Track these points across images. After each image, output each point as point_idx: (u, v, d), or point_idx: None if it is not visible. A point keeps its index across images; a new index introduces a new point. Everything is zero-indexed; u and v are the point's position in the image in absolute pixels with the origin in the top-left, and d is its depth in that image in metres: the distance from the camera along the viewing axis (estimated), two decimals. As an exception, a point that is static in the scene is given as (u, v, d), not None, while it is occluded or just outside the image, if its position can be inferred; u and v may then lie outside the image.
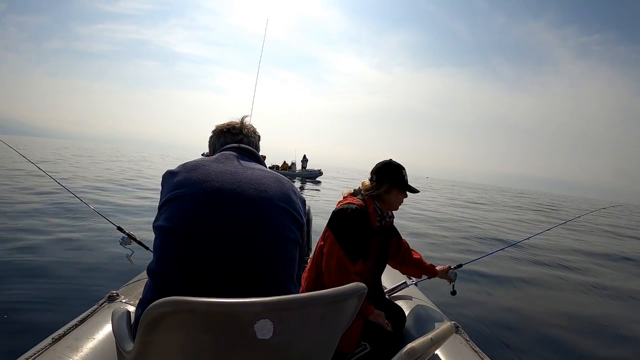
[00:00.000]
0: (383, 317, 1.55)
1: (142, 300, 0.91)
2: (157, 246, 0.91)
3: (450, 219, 10.30)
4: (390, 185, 1.66)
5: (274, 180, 0.98)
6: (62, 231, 4.40)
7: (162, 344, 0.70)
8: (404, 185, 1.67)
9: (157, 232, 0.92)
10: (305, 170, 23.97)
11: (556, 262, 5.77)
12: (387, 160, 1.72)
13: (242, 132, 1.18)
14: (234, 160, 1.02)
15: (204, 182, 0.91)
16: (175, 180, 0.94)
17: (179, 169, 0.98)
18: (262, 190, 0.93)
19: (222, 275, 0.85)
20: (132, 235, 2.01)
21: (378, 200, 1.67)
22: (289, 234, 0.94)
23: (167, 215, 0.90)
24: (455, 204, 16.58)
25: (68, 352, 1.16)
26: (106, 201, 7.01)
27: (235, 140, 1.16)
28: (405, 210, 9.79)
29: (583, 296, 4.14)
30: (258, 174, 0.98)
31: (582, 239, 8.98)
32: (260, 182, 0.95)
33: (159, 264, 0.89)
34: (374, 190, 1.67)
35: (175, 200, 0.91)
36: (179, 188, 0.92)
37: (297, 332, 0.73)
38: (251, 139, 1.19)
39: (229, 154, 1.06)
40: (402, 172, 1.68)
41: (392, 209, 1.72)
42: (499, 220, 11.71)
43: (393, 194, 1.67)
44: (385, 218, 1.71)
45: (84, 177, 10.98)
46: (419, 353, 0.87)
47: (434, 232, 7.45)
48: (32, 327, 2.16)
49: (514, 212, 16.12)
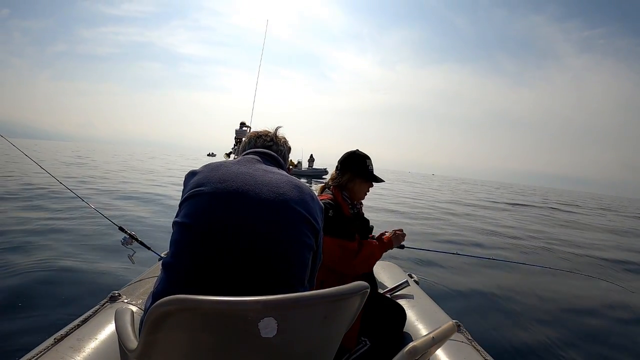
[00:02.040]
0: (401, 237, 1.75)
1: (153, 292, 0.93)
2: (173, 241, 0.93)
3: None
4: (352, 174, 1.71)
5: (293, 186, 1.00)
6: (62, 231, 4.41)
7: (166, 342, 0.70)
8: (366, 175, 1.71)
9: (175, 228, 0.94)
10: (311, 169, 24.40)
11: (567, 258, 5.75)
12: (352, 151, 1.77)
13: (273, 140, 1.23)
14: (255, 164, 1.05)
15: (223, 181, 0.94)
16: (196, 178, 0.98)
17: (201, 169, 1.02)
18: (279, 194, 0.95)
19: (234, 273, 0.86)
20: (133, 235, 2.01)
21: (345, 190, 1.72)
22: (303, 239, 0.95)
23: (185, 212, 0.93)
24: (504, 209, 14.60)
25: (70, 353, 1.17)
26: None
27: (265, 146, 1.21)
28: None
29: (589, 297, 4.13)
30: (278, 178, 1.00)
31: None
32: (279, 186, 0.97)
33: (173, 257, 0.91)
34: (337, 180, 1.73)
35: (195, 197, 0.94)
36: (199, 186, 0.95)
37: (301, 330, 0.73)
38: (280, 148, 1.23)
39: (252, 157, 1.10)
40: (366, 162, 1.72)
41: (357, 198, 1.75)
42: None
43: (356, 184, 1.72)
44: (356, 205, 1.76)
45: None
46: (420, 352, 0.87)
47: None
48: (34, 328, 2.16)
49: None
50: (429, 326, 1.62)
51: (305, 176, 22.42)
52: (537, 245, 6.94)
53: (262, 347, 0.68)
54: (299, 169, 23.85)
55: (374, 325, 1.58)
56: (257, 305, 0.65)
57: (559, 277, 4.63)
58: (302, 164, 24.69)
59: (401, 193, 17.98)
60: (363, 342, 1.60)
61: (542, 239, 7.65)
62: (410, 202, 13.30)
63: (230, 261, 0.86)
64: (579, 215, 16.27)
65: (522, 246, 6.70)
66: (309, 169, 24.45)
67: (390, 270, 2.34)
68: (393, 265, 2.47)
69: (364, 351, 1.58)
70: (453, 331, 1.23)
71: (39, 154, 22.11)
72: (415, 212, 10.26)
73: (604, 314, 3.55)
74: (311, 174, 23.07)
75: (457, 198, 18.22)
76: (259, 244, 0.88)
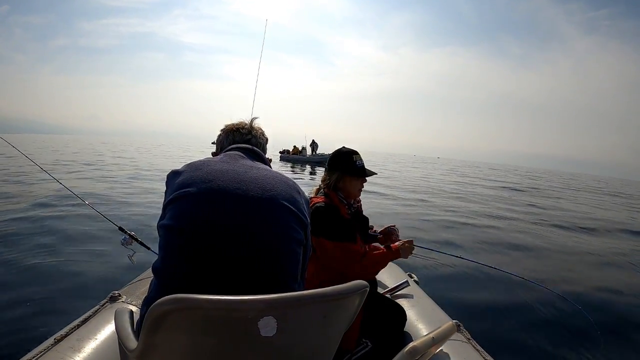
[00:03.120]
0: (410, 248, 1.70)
1: (146, 298, 0.92)
2: (161, 245, 0.92)
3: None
4: (341, 173, 1.66)
5: (279, 181, 0.99)
6: (62, 231, 4.41)
7: (166, 342, 0.70)
8: (354, 171, 1.66)
9: (162, 231, 0.92)
10: (316, 155, 23.64)
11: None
12: (338, 149, 1.72)
13: (250, 132, 1.21)
14: (239, 160, 1.03)
15: (208, 181, 0.92)
16: (179, 179, 0.95)
17: (184, 169, 0.99)
18: (266, 190, 0.94)
19: (226, 274, 0.85)
20: (133, 235, 2.01)
21: (339, 191, 1.67)
22: (293, 234, 0.94)
23: (171, 214, 0.91)
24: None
25: (70, 353, 1.16)
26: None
27: (244, 139, 1.18)
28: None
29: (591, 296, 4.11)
30: (263, 173, 0.99)
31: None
32: (265, 182, 0.96)
33: (163, 262, 0.90)
34: (328, 181, 1.68)
35: (180, 199, 0.91)
36: (183, 187, 0.92)
37: (300, 329, 0.73)
38: (259, 140, 1.21)
39: (234, 153, 1.08)
40: (352, 157, 1.67)
41: (351, 196, 1.70)
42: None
43: (346, 181, 1.66)
44: (353, 205, 1.72)
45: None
46: (420, 352, 0.87)
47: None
48: (34, 328, 2.16)
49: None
50: (429, 326, 1.61)
51: (311, 163, 21.76)
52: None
53: (261, 346, 0.68)
54: (303, 155, 23.40)
55: (375, 327, 1.57)
56: (257, 304, 0.65)
57: (559, 280, 4.63)
58: (307, 150, 24.15)
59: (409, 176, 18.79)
60: (364, 344, 1.60)
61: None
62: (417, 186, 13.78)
63: (222, 261, 0.85)
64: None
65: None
66: (313, 155, 23.71)
67: (390, 270, 2.34)
68: (393, 265, 2.46)
69: (365, 352, 1.57)
70: (453, 331, 1.23)
71: (69, 149, 22.62)
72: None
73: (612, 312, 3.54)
74: (317, 161, 21.95)
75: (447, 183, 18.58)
76: (249, 242, 0.87)
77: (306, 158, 23.11)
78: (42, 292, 2.70)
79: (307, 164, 21.77)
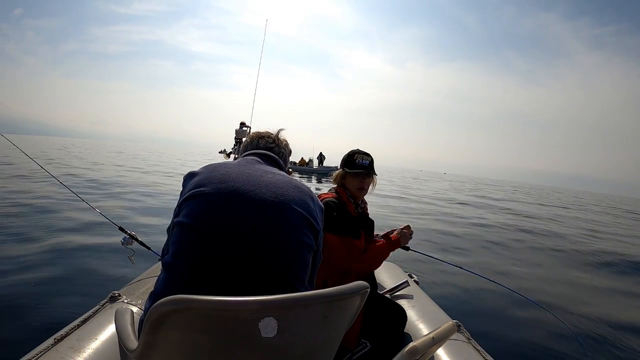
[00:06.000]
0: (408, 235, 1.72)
1: (153, 292, 0.93)
2: (173, 241, 0.94)
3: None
4: (344, 171, 1.72)
5: (293, 186, 1.00)
6: (62, 231, 4.41)
7: (167, 342, 0.70)
8: (352, 168, 1.70)
9: (176, 228, 0.95)
10: (322, 166, 24.59)
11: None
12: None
13: (275, 142, 1.23)
14: (255, 164, 1.06)
15: (223, 182, 0.95)
16: (195, 179, 0.98)
17: (201, 170, 1.02)
18: (279, 194, 0.95)
19: (234, 274, 0.86)
20: (133, 235, 2.01)
21: (347, 189, 1.72)
22: (303, 239, 0.95)
23: (186, 212, 0.94)
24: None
25: (70, 353, 1.16)
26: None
27: (267, 147, 1.20)
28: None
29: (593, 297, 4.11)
30: (277, 178, 1.00)
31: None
32: (279, 187, 0.97)
33: (173, 257, 0.91)
34: (336, 180, 1.75)
35: (195, 197, 0.94)
36: (199, 187, 0.95)
37: (301, 330, 0.73)
38: (282, 150, 1.23)
39: (252, 158, 1.11)
40: (354, 156, 1.72)
41: (355, 195, 1.73)
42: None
43: (348, 179, 1.71)
44: (360, 205, 1.76)
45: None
46: (420, 352, 0.87)
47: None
48: (34, 328, 2.16)
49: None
50: (429, 326, 1.62)
51: (316, 173, 22.62)
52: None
53: (262, 347, 0.68)
54: (310, 167, 24.20)
55: (375, 327, 1.58)
56: (257, 305, 0.65)
57: (559, 284, 4.62)
58: (314, 162, 25.03)
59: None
60: (363, 344, 1.60)
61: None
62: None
63: (231, 261, 0.86)
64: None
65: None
66: (319, 167, 24.68)
67: (390, 270, 2.34)
68: (393, 265, 2.47)
69: (365, 352, 1.58)
70: (453, 331, 1.23)
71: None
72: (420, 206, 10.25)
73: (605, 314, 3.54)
74: (322, 172, 23.10)
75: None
76: (259, 244, 0.88)
77: (312, 170, 23.81)
78: (42, 292, 2.70)
79: (313, 175, 22.51)
